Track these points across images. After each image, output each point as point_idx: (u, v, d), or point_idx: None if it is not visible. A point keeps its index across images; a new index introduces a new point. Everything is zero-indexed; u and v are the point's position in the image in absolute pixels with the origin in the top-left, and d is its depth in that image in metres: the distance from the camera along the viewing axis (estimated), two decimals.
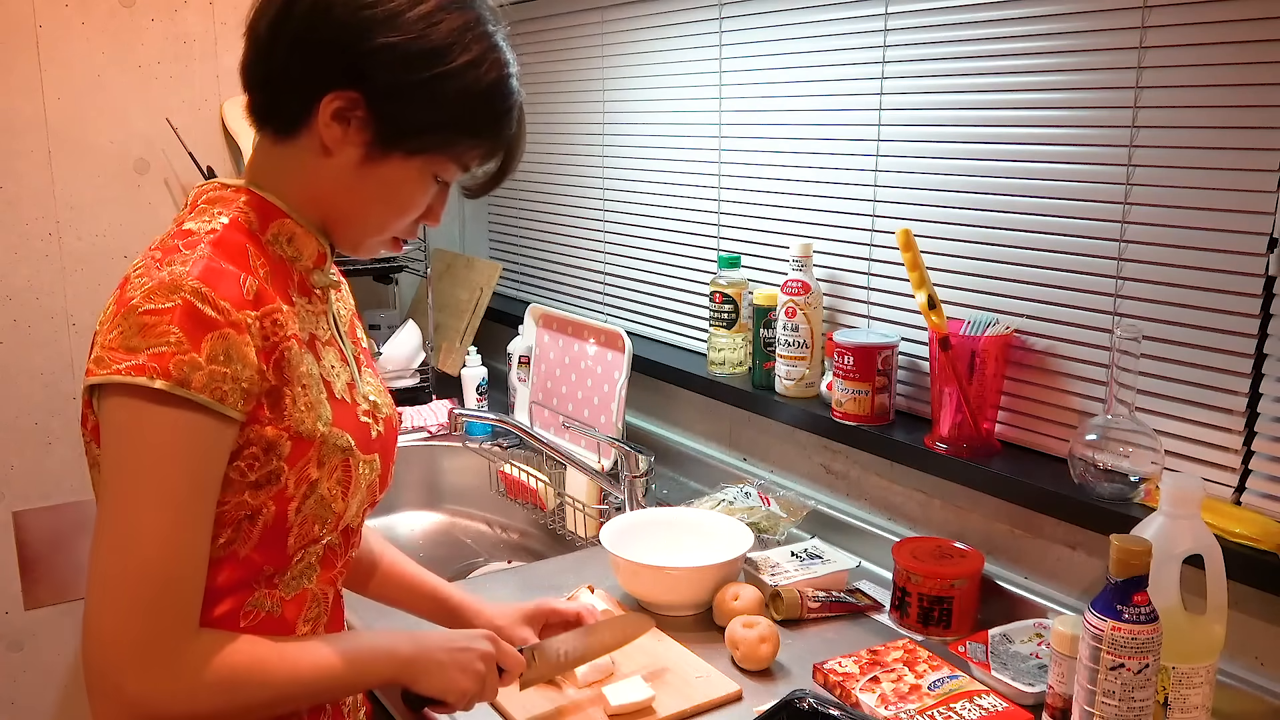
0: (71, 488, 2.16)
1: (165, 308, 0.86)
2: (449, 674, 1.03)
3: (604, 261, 2.24)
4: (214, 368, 0.86)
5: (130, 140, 2.14)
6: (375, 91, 0.92)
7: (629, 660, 1.28)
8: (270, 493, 0.93)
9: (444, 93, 0.94)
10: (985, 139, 1.43)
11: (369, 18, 0.91)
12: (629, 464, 1.73)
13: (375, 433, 1.04)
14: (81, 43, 2.07)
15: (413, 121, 0.94)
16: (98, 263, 2.14)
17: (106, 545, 0.87)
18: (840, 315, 1.69)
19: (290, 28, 0.92)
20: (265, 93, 0.96)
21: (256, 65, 0.96)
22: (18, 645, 2.15)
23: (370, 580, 1.24)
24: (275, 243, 0.98)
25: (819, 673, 1.26)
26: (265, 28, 0.94)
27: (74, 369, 2.14)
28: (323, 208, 0.99)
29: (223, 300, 0.87)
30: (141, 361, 0.85)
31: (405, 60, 0.92)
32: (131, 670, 0.85)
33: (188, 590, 0.89)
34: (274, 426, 0.92)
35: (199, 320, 0.86)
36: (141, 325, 0.86)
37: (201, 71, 2.20)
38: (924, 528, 1.56)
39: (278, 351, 0.92)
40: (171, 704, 0.87)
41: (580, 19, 2.20)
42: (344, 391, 1.01)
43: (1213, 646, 1.06)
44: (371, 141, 0.94)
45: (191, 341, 0.86)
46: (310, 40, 0.92)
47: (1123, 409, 1.25)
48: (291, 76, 0.94)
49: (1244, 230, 1.17)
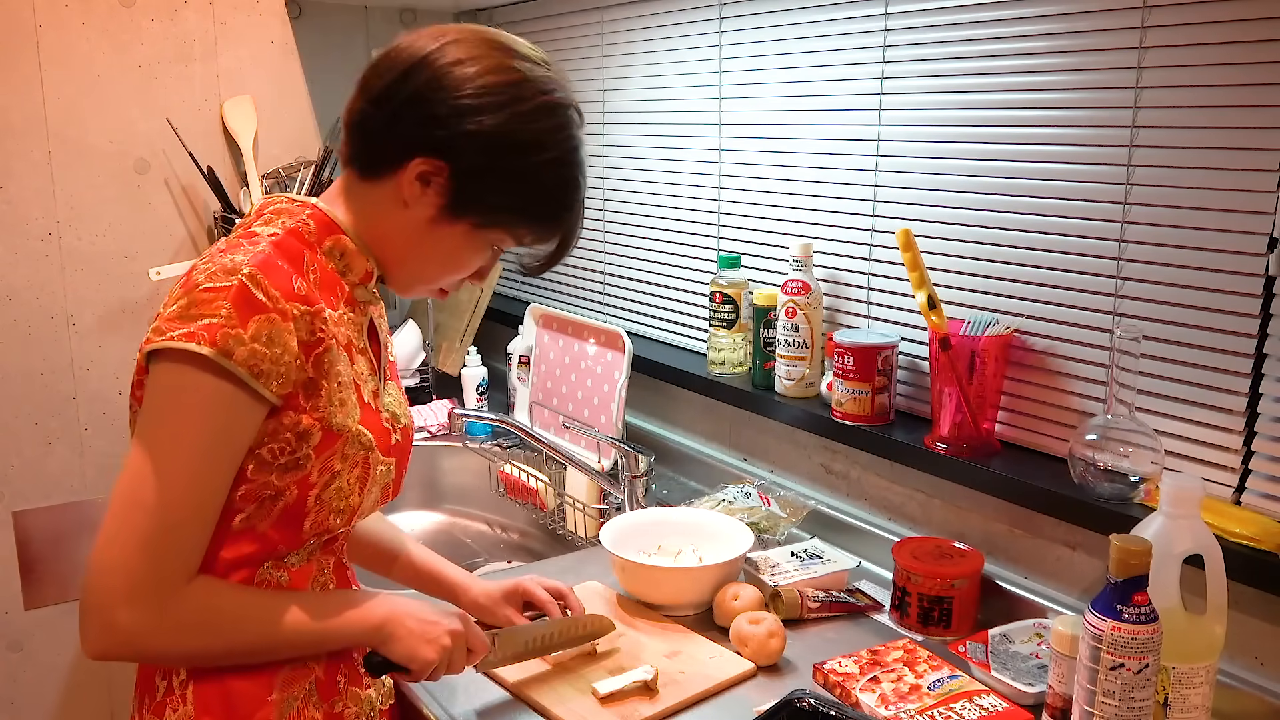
0: (71, 488, 2.16)
1: (222, 286, 0.95)
2: (415, 643, 1.08)
3: (604, 261, 2.24)
4: (256, 346, 0.94)
5: (130, 140, 2.14)
6: (461, 167, 1.01)
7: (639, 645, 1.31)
8: (295, 477, 1.00)
9: (522, 181, 1.03)
10: (985, 139, 1.43)
11: (474, 105, 0.99)
12: (629, 464, 1.73)
13: (394, 439, 1.11)
14: (81, 43, 2.07)
15: (487, 200, 1.04)
16: (98, 263, 2.14)
17: (127, 486, 0.95)
18: (840, 315, 1.69)
19: (404, 95, 1.01)
20: (363, 141, 1.05)
21: (362, 116, 1.04)
22: (18, 645, 2.15)
23: (393, 567, 1.33)
24: (330, 255, 1.06)
25: (819, 673, 1.26)
26: (381, 87, 1.02)
27: (74, 369, 2.14)
28: (384, 246, 1.08)
29: (274, 290, 0.96)
30: (193, 330, 0.93)
31: (495, 148, 1.01)
32: (125, 601, 0.93)
33: (191, 538, 0.96)
34: (309, 416, 0.99)
35: (250, 302, 0.94)
36: (199, 300, 0.94)
37: (201, 71, 2.20)
38: (924, 528, 1.56)
39: (321, 347, 1.00)
40: (154, 639, 0.96)
41: (580, 19, 2.20)
42: (370, 398, 1.08)
43: (1213, 646, 1.06)
44: (445, 206, 1.03)
45: (240, 319, 0.94)
46: (418, 111, 1.00)
47: (1123, 409, 1.25)
48: (391, 135, 1.02)
49: (1244, 230, 1.17)
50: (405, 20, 2.51)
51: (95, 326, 2.15)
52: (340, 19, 2.42)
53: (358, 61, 2.46)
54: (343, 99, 1.06)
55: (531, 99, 1.01)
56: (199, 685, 1.01)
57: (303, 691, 1.05)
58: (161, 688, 1.03)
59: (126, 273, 2.17)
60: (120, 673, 2.25)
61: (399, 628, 1.07)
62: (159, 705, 1.03)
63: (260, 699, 1.02)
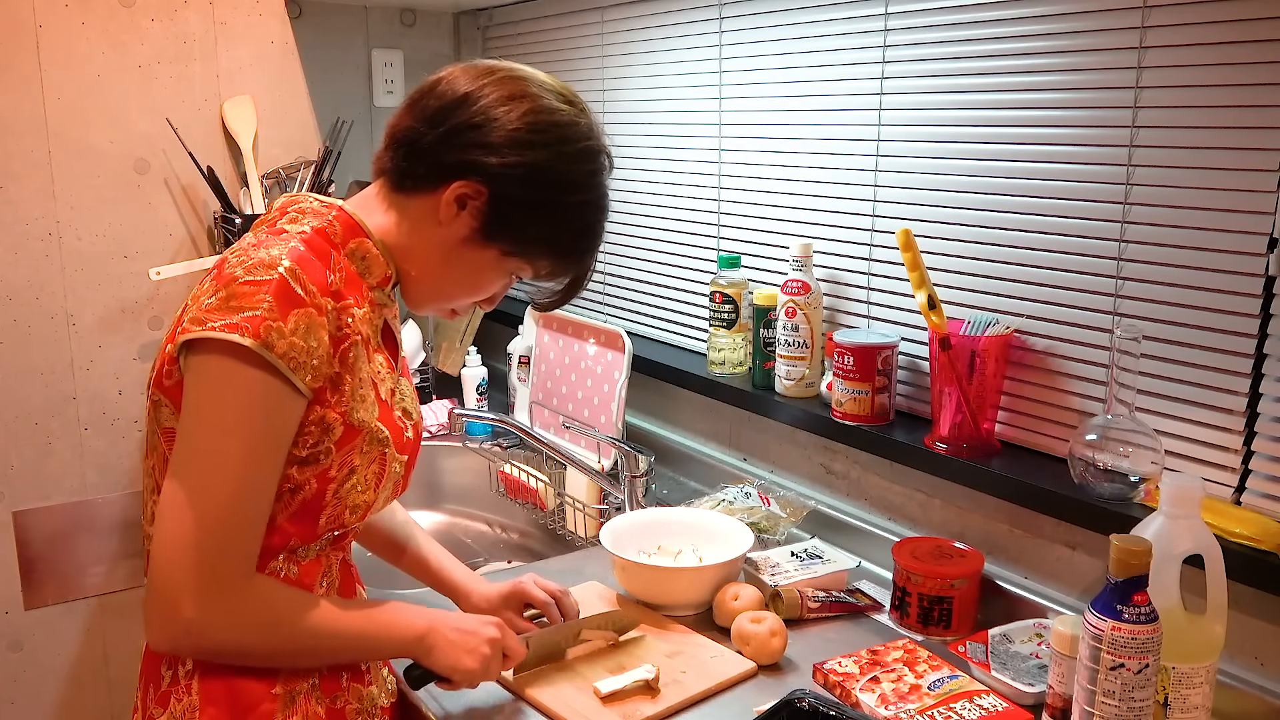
0: (71, 488, 2.16)
1: (263, 279, 0.97)
2: (457, 654, 1.11)
3: (604, 261, 2.24)
4: (295, 340, 0.97)
5: (130, 140, 2.14)
6: (500, 194, 1.05)
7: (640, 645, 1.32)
8: (315, 470, 1.02)
9: (555, 217, 1.09)
10: (985, 139, 1.43)
11: (526, 139, 1.04)
12: (629, 464, 1.73)
13: (407, 436, 1.13)
14: (81, 43, 2.07)
15: (520, 229, 1.08)
16: (98, 263, 2.14)
17: (186, 483, 0.96)
18: (840, 315, 1.69)
19: (459, 118, 1.05)
20: (406, 158, 1.08)
21: (413, 134, 1.07)
22: (18, 645, 2.15)
23: (401, 558, 1.36)
24: (352, 256, 1.08)
25: (819, 673, 1.26)
26: (436, 109, 1.06)
27: (74, 369, 2.14)
28: (408, 259, 1.11)
29: (311, 284, 0.99)
30: (236, 321, 0.95)
31: (537, 181, 1.06)
32: (191, 597, 0.95)
33: (251, 533, 0.99)
34: (333, 410, 1.01)
35: (290, 296, 0.97)
36: (240, 293, 0.96)
37: (201, 71, 2.20)
38: (924, 528, 1.56)
39: (346, 342, 1.02)
40: (220, 632, 0.98)
41: (580, 19, 2.20)
42: (387, 395, 1.10)
43: (1213, 646, 1.06)
44: (478, 229, 1.07)
45: (281, 312, 0.96)
46: (468, 137, 1.04)
47: (1123, 409, 1.25)
48: (437, 155, 1.06)
49: (1244, 230, 1.17)
50: (405, 20, 2.51)
51: (95, 326, 2.15)
52: (340, 19, 2.42)
53: (358, 62, 2.49)
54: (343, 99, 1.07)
55: (577, 142, 1.08)
56: (204, 678, 1.02)
57: (305, 686, 1.06)
58: (167, 678, 1.04)
59: (126, 273, 2.17)
60: (120, 673, 2.25)
61: (439, 639, 1.11)
62: (164, 695, 1.04)
63: (264, 692, 1.03)
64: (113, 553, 2.21)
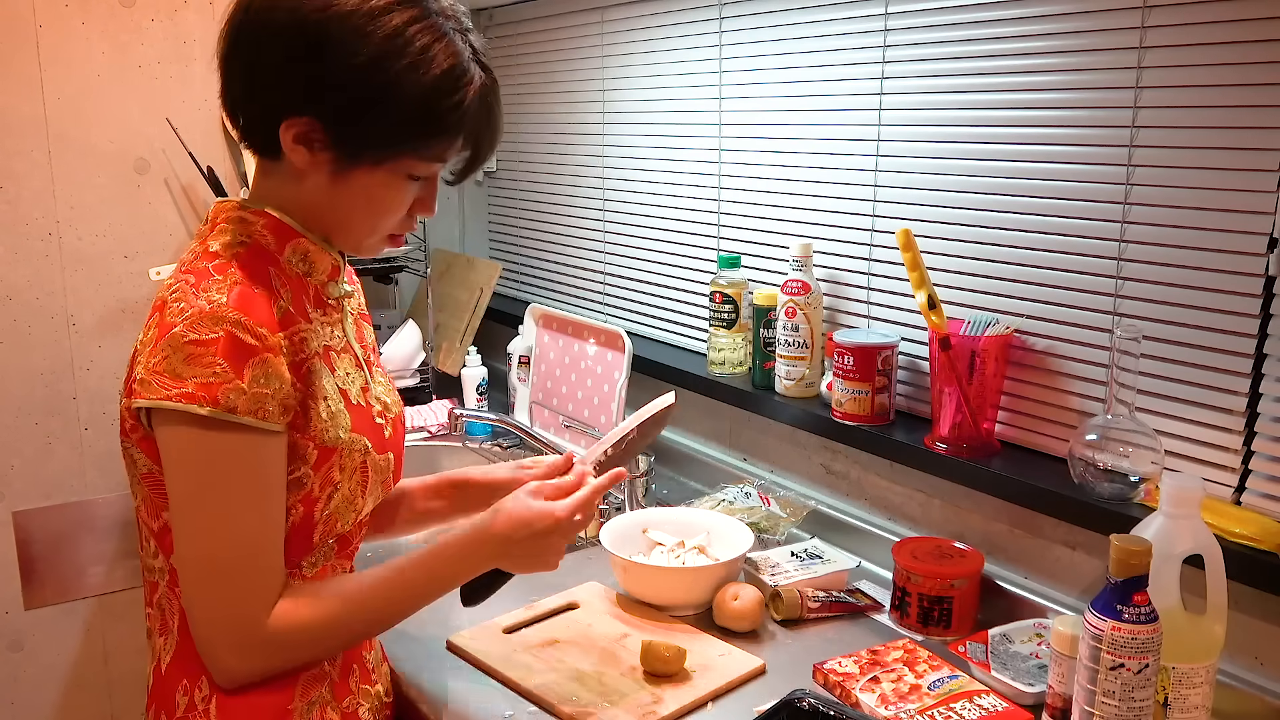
0: (71, 488, 2.16)
1: (210, 338, 0.92)
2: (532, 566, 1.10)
3: (604, 261, 2.24)
4: (256, 390, 0.93)
5: (130, 140, 2.14)
6: (326, 113, 0.96)
7: None
8: (298, 496, 1.01)
9: (391, 101, 0.95)
10: (985, 139, 1.43)
11: (306, 44, 0.93)
12: (629, 464, 1.73)
13: (386, 434, 1.11)
14: (81, 43, 2.07)
15: (368, 135, 0.97)
16: (98, 263, 2.14)
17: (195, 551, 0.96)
18: (840, 315, 1.69)
19: (239, 58, 0.98)
20: (235, 121, 1.02)
21: (224, 96, 1.02)
22: (18, 645, 2.15)
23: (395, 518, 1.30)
24: (292, 262, 1.03)
25: (819, 673, 1.26)
26: (221, 60, 1.00)
27: (74, 369, 2.14)
28: (318, 220, 1.04)
29: (260, 327, 0.94)
30: (190, 390, 0.92)
31: (347, 78, 0.94)
32: (228, 650, 0.98)
33: (270, 583, 0.99)
34: (303, 435, 0.99)
35: (240, 350, 0.93)
36: (188, 355, 0.92)
37: (201, 71, 2.20)
38: (924, 528, 1.56)
39: (304, 367, 0.99)
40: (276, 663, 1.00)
41: (580, 19, 2.20)
42: (359, 396, 1.08)
43: (1213, 646, 1.06)
44: (335, 159, 0.98)
45: (235, 370, 0.92)
46: (256, 69, 0.97)
47: (1123, 409, 1.25)
48: (250, 105, 0.99)
49: (1244, 230, 1.17)
50: None
51: (95, 326, 2.15)
52: None
53: None
54: None
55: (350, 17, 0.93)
56: (222, 700, 1.00)
57: (320, 696, 1.05)
58: (182, 704, 1.01)
59: (126, 273, 2.17)
60: (120, 674, 2.25)
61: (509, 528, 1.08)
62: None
63: (281, 708, 1.02)
64: (113, 553, 2.21)
